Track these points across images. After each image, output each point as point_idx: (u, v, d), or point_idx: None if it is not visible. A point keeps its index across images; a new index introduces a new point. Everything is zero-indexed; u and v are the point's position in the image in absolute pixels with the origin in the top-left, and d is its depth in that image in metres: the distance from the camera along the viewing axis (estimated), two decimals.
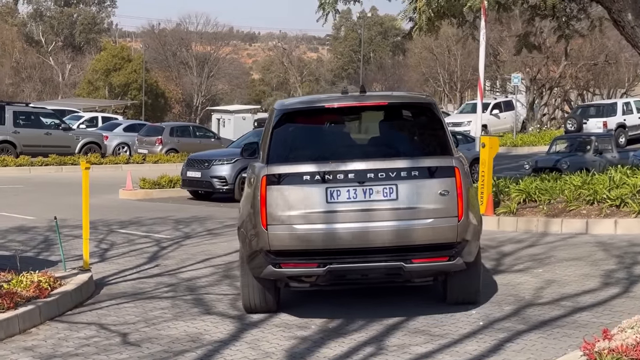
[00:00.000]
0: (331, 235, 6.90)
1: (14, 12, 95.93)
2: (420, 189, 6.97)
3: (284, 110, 7.49)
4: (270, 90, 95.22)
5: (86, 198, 9.19)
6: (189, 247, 11.90)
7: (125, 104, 63.75)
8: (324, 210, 6.92)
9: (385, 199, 6.93)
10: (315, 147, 7.36)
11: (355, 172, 6.95)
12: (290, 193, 6.95)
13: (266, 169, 7.00)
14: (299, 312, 7.69)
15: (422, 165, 7.04)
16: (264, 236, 6.95)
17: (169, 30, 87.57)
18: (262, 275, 7.19)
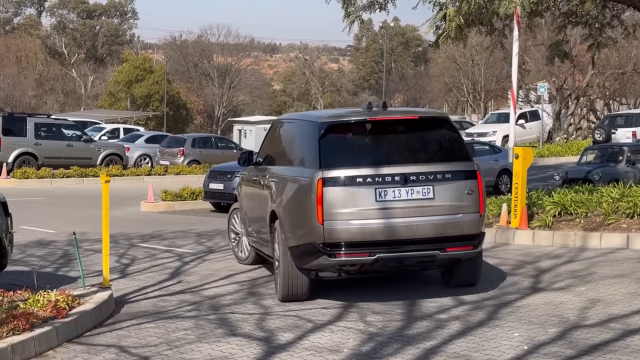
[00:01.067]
0: (380, 229, 8.08)
1: (37, 24, 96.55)
2: (451, 189, 8.26)
3: (328, 122, 8.48)
4: (292, 101, 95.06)
5: (106, 213, 8.81)
6: (212, 263, 11.51)
7: (147, 115, 63.74)
8: (373, 208, 8.05)
9: (424, 198, 8.15)
10: (360, 154, 8.42)
11: (398, 175, 8.11)
12: (344, 193, 8.02)
13: (321, 173, 8.02)
14: (329, 333, 7.27)
15: (453, 169, 8.31)
16: (320, 231, 7.99)
17: (190, 42, 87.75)
18: (312, 265, 8.27)
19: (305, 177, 8.23)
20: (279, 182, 8.87)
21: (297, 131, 9.19)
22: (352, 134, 8.52)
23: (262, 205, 9.43)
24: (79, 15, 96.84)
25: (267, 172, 9.45)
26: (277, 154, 9.58)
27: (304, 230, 8.19)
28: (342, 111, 10.56)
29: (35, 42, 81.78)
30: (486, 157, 22.73)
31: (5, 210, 8.88)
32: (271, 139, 10.10)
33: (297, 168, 8.60)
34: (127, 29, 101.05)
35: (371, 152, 8.48)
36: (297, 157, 8.91)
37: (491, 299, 8.53)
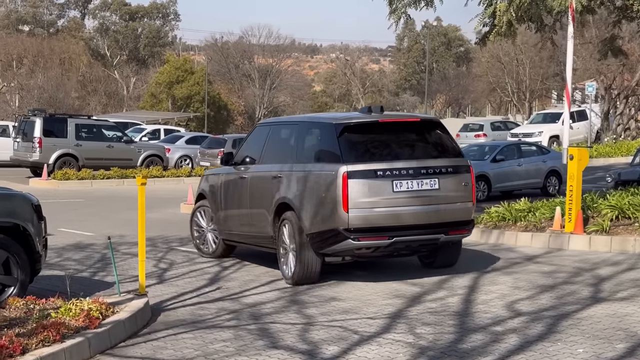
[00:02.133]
0: (396, 216, 9.21)
1: (80, 26, 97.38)
2: (452, 181, 9.51)
3: (344, 124, 9.52)
4: (333, 101, 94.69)
5: (142, 216, 8.44)
6: (252, 268, 11.09)
7: (188, 116, 63.75)
8: (391, 197, 9.19)
9: (431, 189, 9.36)
10: (375, 151, 9.50)
11: (411, 168, 9.29)
12: (366, 185, 9.10)
13: (345, 167, 9.05)
14: (376, 346, 6.80)
15: (453, 164, 9.59)
16: (345, 218, 9.02)
17: (231, 43, 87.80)
18: (335, 248, 9.30)
19: (329, 172, 9.21)
20: (292, 177, 9.74)
21: (307, 132, 10.16)
22: (365, 134, 9.58)
23: (260, 200, 10.33)
24: (122, 17, 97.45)
25: (268, 170, 10.29)
26: (272, 154, 10.48)
27: (327, 217, 9.21)
28: (347, 114, 11.59)
29: (79, 44, 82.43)
30: (534, 158, 22.06)
31: (39, 214, 8.55)
32: (259, 141, 10.94)
33: (316, 164, 9.54)
34: (169, 31, 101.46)
35: (384, 149, 9.57)
36: (310, 155, 9.84)
37: (549, 310, 7.99)
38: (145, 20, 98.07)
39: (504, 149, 21.99)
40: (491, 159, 21.40)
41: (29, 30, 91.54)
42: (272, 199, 10.00)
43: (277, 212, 9.91)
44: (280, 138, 10.67)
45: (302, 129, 10.25)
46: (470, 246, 12.63)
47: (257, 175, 10.57)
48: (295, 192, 9.62)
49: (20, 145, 27.15)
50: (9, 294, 8.09)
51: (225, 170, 11.46)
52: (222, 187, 11.36)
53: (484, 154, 21.99)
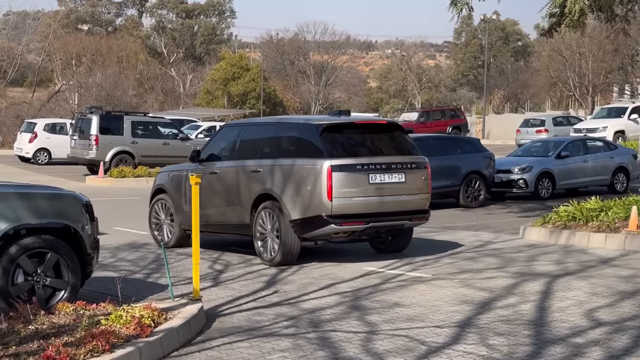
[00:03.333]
0: (371, 204, 10.56)
1: (138, 25, 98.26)
2: (415, 175, 10.95)
3: (324, 125, 10.78)
4: (388, 97, 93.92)
5: (196, 217, 8.06)
6: (310, 270, 10.65)
7: (244, 113, 63.70)
8: (367, 188, 10.52)
9: (399, 182, 10.75)
10: (352, 148, 10.81)
11: (383, 163, 10.63)
12: (347, 177, 10.41)
13: (329, 162, 10.36)
14: (446, 359, 6.29)
15: (416, 160, 11.04)
16: (329, 205, 10.35)
17: (287, 40, 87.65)
18: (317, 232, 10.64)
19: (314, 166, 10.46)
20: (274, 170, 10.90)
21: (287, 132, 11.36)
22: (343, 133, 10.89)
23: (236, 192, 11.45)
24: (178, 15, 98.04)
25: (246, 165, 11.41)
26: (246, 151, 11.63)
27: (312, 205, 10.45)
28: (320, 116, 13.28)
29: (136, 43, 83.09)
30: (600, 154, 21.25)
31: (90, 214, 8.22)
32: (229, 141, 12.18)
33: (299, 159, 10.71)
34: (225, 28, 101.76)
35: (360, 146, 10.91)
36: (293, 151, 11.00)
37: (633, 319, 7.38)
38: (201, 18, 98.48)
39: (569, 145, 21.22)
40: (556, 155, 20.66)
41: (87, 29, 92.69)
42: (251, 190, 11.23)
43: (256, 202, 11.10)
44: (255, 137, 11.81)
45: (282, 129, 11.51)
46: (539, 247, 12.02)
47: (231, 170, 11.68)
48: (277, 183, 10.86)
49: (77, 142, 27.16)
50: (60, 298, 7.78)
51: (190, 167, 12.39)
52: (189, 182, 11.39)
53: (548, 150, 21.25)
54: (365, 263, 10.98)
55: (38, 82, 75.88)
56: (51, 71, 76.40)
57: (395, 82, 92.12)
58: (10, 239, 7.58)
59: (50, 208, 7.89)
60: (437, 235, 13.96)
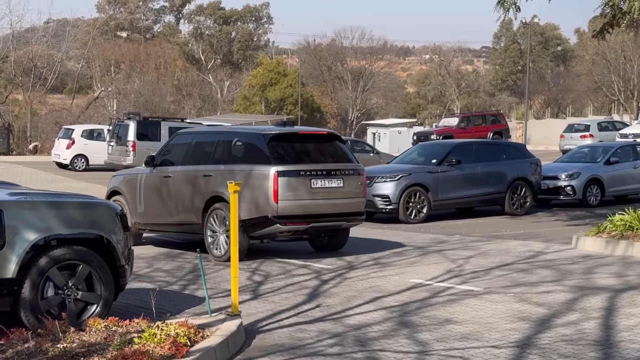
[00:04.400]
0: (313, 206, 11.51)
1: (175, 31, 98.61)
2: (352, 181, 11.89)
3: (271, 134, 11.76)
4: (426, 103, 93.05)
5: (235, 229, 7.60)
6: (354, 282, 10.14)
7: (281, 118, 63.40)
8: (309, 192, 11.46)
9: (338, 187, 11.67)
10: (298, 155, 11.76)
11: (324, 170, 11.61)
12: (291, 182, 11.35)
13: (275, 168, 11.33)
14: None
15: (353, 168, 12.04)
16: (275, 207, 11.29)
17: (324, 46, 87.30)
18: (264, 231, 11.66)
19: (262, 171, 11.44)
20: (225, 175, 11.67)
21: (240, 140, 12.19)
22: (287, 142, 11.81)
23: (189, 194, 12.27)
24: (216, 21, 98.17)
25: (198, 169, 12.28)
26: (198, 157, 12.50)
27: (259, 207, 11.41)
28: (266, 127, 13.83)
29: (174, 49, 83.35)
30: None
31: (124, 224, 7.81)
32: (181, 147, 13.02)
33: (248, 165, 11.67)
34: (262, 34, 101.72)
35: (303, 154, 11.84)
36: (242, 158, 11.91)
37: None
38: (238, 24, 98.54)
39: (619, 151, 20.50)
40: (604, 161, 19.96)
41: (126, 36, 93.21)
42: (203, 193, 12.07)
43: (207, 204, 11.91)
44: (207, 144, 12.69)
45: (232, 137, 12.37)
46: (595, 258, 11.39)
47: (184, 174, 12.55)
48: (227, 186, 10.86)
49: (114, 149, 26.96)
50: (92, 313, 7.37)
51: (144, 171, 13.37)
52: (143, 185, 13.24)
53: (597, 156, 20.55)
54: (411, 275, 10.45)
55: (78, 89, 76.33)
56: (90, 78, 76.87)
57: (433, 87, 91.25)
58: (39, 250, 7.18)
59: (81, 218, 7.48)
60: (485, 244, 13.39)
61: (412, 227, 16.43)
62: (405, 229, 16.24)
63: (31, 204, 7.31)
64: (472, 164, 18.33)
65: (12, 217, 7.08)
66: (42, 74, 65.02)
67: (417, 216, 17.41)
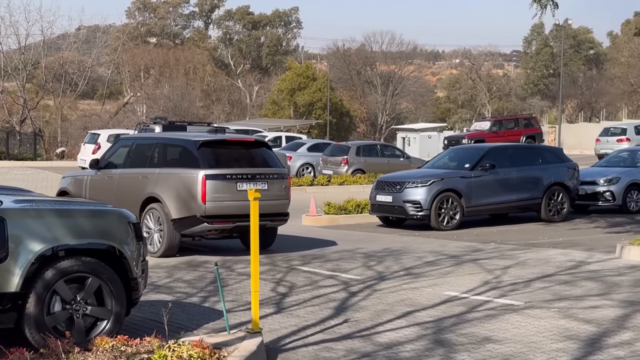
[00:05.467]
0: (238, 207, 12.02)
1: (205, 37, 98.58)
2: (276, 184, 12.73)
3: (202, 141, 12.59)
4: (456, 107, 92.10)
5: (255, 239, 7.04)
6: (384, 294, 9.53)
7: (310, 123, 62.91)
8: (235, 194, 12.23)
9: (263, 189, 12.16)
10: (225, 160, 12.52)
11: (250, 174, 12.48)
12: (218, 184, 12.16)
13: (204, 172, 12.16)
14: None
15: (278, 172, 12.89)
16: (202, 207, 12.12)
17: (353, 50, 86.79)
18: (193, 230, 12.44)
19: (192, 175, 12.32)
20: (159, 178, 12.80)
21: (171, 146, 13.43)
22: (216, 148, 12.66)
23: (128, 195, 13.16)
24: (245, 26, 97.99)
25: (136, 172, 13.36)
26: (137, 161, 13.57)
27: (189, 207, 12.28)
28: (198, 133, 15.34)
29: (203, 54, 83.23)
30: None
31: (138, 233, 7.27)
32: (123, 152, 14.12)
33: (180, 169, 12.65)
34: (291, 39, 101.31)
35: (230, 159, 12.67)
36: (175, 162, 12.98)
37: None
38: (267, 29, 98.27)
39: None
40: None
41: (156, 42, 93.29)
42: (140, 193, 12.98)
43: (144, 204, 12.86)
44: (145, 149, 13.72)
45: (167, 143, 13.61)
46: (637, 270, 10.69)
47: (124, 176, 13.64)
48: (161, 188, 12.71)
49: None
50: (102, 329, 6.83)
51: (90, 173, 14.51)
52: (88, 186, 14.35)
53: (636, 160, 19.75)
54: (445, 287, 9.82)
55: (108, 94, 76.49)
56: (120, 84, 77.01)
57: (464, 91, 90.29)
58: (45, 261, 6.65)
59: (91, 227, 6.95)
60: (523, 253, 12.71)
61: (445, 235, 15.78)
62: (437, 236, 15.60)
63: (37, 212, 6.79)
64: (506, 169, 17.64)
65: (16, 226, 6.56)
66: (73, 79, 65.17)
67: (450, 223, 16.77)
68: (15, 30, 61.02)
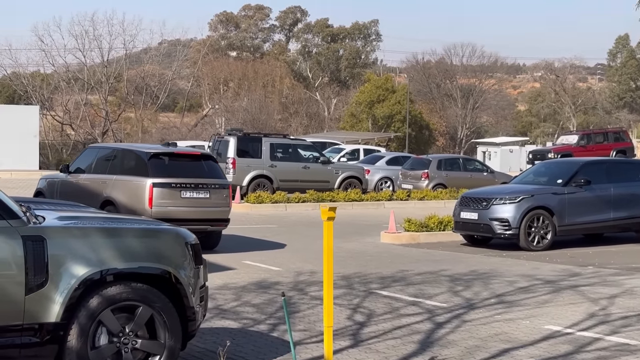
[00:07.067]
0: (182, 212, 13.86)
1: (285, 50, 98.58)
2: (218, 193, 14.32)
3: (152, 153, 14.26)
4: (538, 121, 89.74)
5: (329, 264, 6.07)
6: (474, 326, 8.44)
7: (389, 136, 61.83)
8: (180, 200, 13.96)
9: (205, 197, 14.12)
10: (172, 170, 14.12)
11: (193, 183, 14.09)
12: (164, 192, 13.83)
13: (152, 180, 13.79)
14: None
15: (219, 182, 14.48)
16: (149, 212, 13.47)
17: (433, 63, 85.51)
18: None
19: (141, 182, 13.83)
20: (115, 183, 14.40)
21: (127, 156, 14.85)
22: (165, 159, 14.16)
23: (90, 197, 14.26)
24: (324, 39, 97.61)
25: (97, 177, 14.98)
26: (99, 167, 15.16)
27: (138, 211, 13.30)
28: (153, 145, 16.84)
29: (282, 67, 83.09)
30: None
31: (197, 256, 6.40)
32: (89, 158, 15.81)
33: (133, 177, 14.16)
34: (370, 52, 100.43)
35: (177, 170, 14.06)
36: (129, 170, 14.40)
37: None
38: (346, 42, 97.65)
39: None
40: None
41: (236, 55, 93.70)
42: (99, 197, 14.44)
43: (101, 206, 14.01)
44: (106, 157, 15.30)
45: (124, 153, 15.13)
46: None
47: (88, 180, 15.21)
48: (116, 193, 14.33)
49: None
50: None
51: (62, 177, 16.10)
52: (59, 188, 15.90)
53: None
54: (545, 319, 8.67)
55: (188, 107, 77.01)
56: (200, 96, 77.45)
57: (547, 104, 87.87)
58: (90, 288, 5.84)
59: (143, 248, 6.10)
60: (628, 279, 11.45)
61: (535, 256, 14.56)
62: (527, 257, 14.40)
63: (81, 230, 5.98)
64: (603, 185, 16.30)
65: (58, 247, 5.77)
66: (154, 92, 65.74)
67: (540, 243, 15.53)
68: (99, 44, 61.98)
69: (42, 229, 5.82)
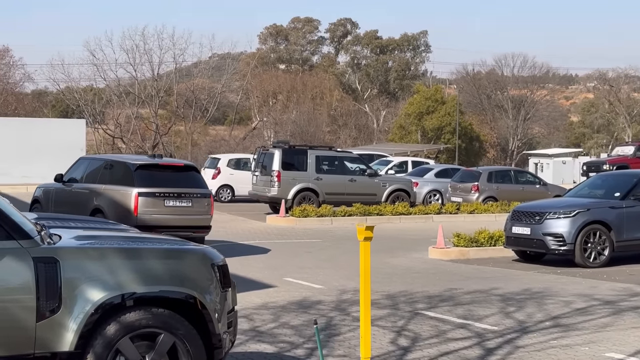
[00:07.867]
0: (166, 219, 14.87)
1: (334, 62, 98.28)
2: (199, 202, 15.35)
3: (138, 164, 15.24)
4: (591, 132, 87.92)
5: (367, 287, 5.53)
6: (529, 353, 7.81)
7: (438, 148, 60.96)
8: (163, 209, 14.96)
9: (187, 206, 15.13)
10: (157, 180, 15.12)
11: (175, 193, 15.07)
12: (149, 201, 14.82)
13: (137, 190, 14.74)
14: None
15: (201, 192, 15.45)
16: (135, 219, 14.30)
17: (483, 74, 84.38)
18: None
19: (127, 192, 14.78)
20: (104, 192, 15.23)
21: (115, 167, 15.70)
22: (150, 170, 15.18)
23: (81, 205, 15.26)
24: (372, 50, 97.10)
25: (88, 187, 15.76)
26: (90, 177, 16.00)
27: (125, 218, 13.85)
28: (139, 156, 18.19)
29: (330, 79, 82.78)
30: None
31: (225, 278, 5.91)
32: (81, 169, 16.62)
33: (120, 186, 15.03)
34: (419, 63, 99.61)
35: (161, 180, 15.08)
36: (117, 180, 15.25)
37: None
38: (395, 53, 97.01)
39: None
40: None
41: (285, 67, 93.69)
42: (89, 205, 15.20)
43: (91, 213, 14.77)
44: (97, 168, 16.13)
45: (112, 164, 15.88)
46: None
47: (79, 189, 15.98)
48: (105, 201, 15.08)
49: (259, 179, 25.46)
50: None
51: (56, 185, 16.76)
52: (54, 196, 16.71)
53: None
54: (606, 346, 7.99)
55: (237, 120, 77.09)
56: (249, 109, 77.50)
57: (601, 115, 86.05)
58: (107, 313, 5.40)
59: (165, 270, 5.63)
60: None
61: (592, 273, 13.81)
62: (583, 274, 13.66)
63: (98, 251, 5.53)
64: None
65: (72, 270, 5.34)
66: (204, 105, 65.90)
67: (597, 259, 14.76)
68: (149, 58, 62.38)
69: (55, 249, 5.39)
